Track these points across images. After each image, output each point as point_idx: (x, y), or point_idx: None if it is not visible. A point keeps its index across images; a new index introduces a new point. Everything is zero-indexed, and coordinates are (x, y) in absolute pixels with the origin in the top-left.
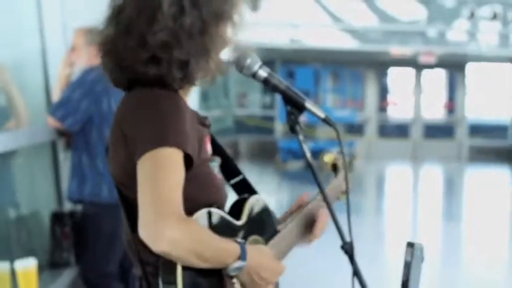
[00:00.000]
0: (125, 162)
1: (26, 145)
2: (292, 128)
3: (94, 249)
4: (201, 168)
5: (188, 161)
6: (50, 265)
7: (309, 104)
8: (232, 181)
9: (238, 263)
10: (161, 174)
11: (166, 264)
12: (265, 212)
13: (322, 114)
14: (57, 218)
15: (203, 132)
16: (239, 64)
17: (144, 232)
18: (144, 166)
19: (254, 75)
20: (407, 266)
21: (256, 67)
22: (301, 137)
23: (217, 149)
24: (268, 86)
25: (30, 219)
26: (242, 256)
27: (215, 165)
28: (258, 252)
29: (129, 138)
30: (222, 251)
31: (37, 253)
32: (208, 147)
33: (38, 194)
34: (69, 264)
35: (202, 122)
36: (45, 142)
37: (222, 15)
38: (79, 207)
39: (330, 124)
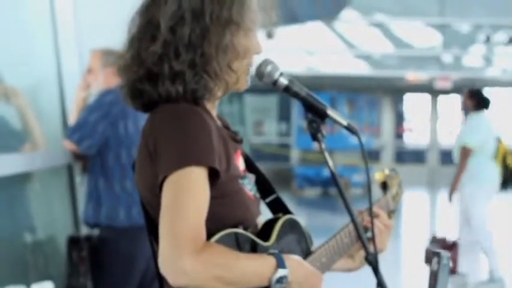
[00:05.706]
0: (152, 182)
1: (42, 168)
2: (314, 136)
3: (111, 274)
4: (229, 185)
5: (215, 175)
6: None
7: (330, 112)
8: (267, 199)
9: (280, 272)
10: (181, 200)
11: None
12: (298, 232)
13: (344, 122)
14: (74, 242)
15: (233, 147)
16: (259, 72)
17: (163, 268)
18: (166, 191)
19: (275, 83)
20: (434, 276)
21: (277, 74)
22: (323, 146)
23: (251, 166)
24: (289, 93)
25: (47, 244)
26: (280, 264)
27: (247, 182)
28: (296, 260)
29: (154, 157)
30: (252, 267)
31: (54, 278)
32: (240, 163)
33: (54, 218)
34: None
35: (233, 136)
36: (61, 165)
37: (229, 22)
38: (96, 232)
39: (352, 131)
